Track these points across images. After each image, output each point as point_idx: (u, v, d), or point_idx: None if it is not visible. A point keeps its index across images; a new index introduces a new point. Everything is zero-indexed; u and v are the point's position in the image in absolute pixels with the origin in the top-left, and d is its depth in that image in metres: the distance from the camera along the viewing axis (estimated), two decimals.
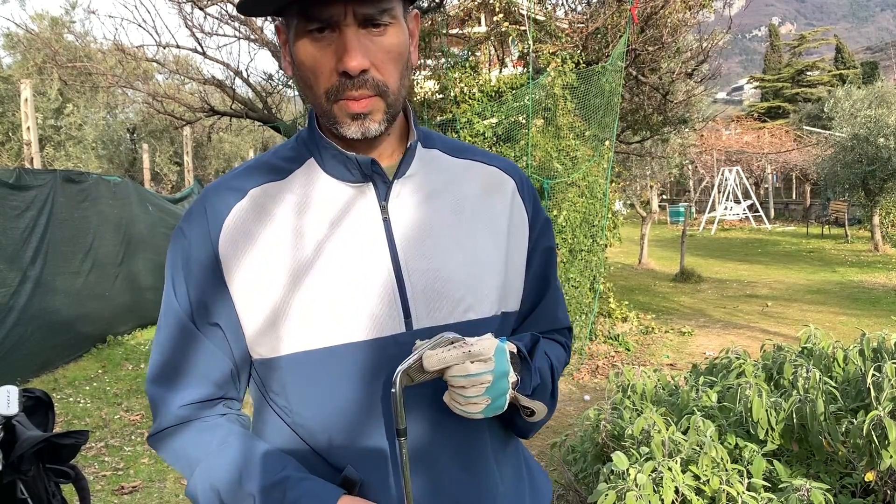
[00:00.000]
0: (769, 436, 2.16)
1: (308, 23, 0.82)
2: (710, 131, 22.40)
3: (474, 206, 0.96)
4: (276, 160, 0.94)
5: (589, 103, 6.20)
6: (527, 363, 0.91)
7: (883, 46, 62.67)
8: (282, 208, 0.90)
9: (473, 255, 0.92)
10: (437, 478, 0.88)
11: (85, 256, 6.83)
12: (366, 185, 0.91)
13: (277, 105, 9.25)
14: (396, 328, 0.87)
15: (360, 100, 0.84)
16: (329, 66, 0.83)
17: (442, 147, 0.99)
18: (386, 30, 0.84)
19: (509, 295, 0.97)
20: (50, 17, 14.97)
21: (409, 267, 0.89)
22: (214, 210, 0.90)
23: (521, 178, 1.03)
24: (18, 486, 1.47)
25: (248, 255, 0.88)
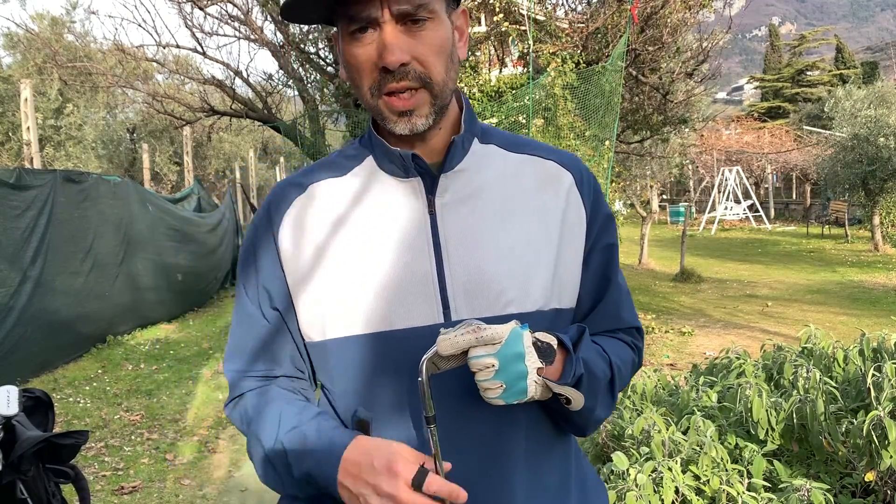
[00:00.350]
0: (769, 436, 2.16)
1: (350, 24, 0.86)
2: (710, 131, 22.41)
3: (524, 201, 0.96)
4: (339, 159, 1.01)
5: (589, 103, 6.20)
6: (568, 353, 0.89)
7: (883, 46, 62.68)
8: (337, 202, 0.95)
9: (518, 249, 0.93)
10: (455, 468, 0.87)
11: (85, 256, 6.83)
12: (415, 179, 0.94)
13: (277, 105, 9.25)
14: (435, 319, 0.89)
15: (403, 93, 0.87)
16: (371, 62, 0.86)
17: (500, 142, 1.01)
18: (425, 24, 0.86)
19: (562, 291, 0.96)
20: (50, 17, 14.97)
21: (450, 260, 0.91)
22: (277, 205, 0.97)
23: (581, 172, 1.01)
24: (18, 486, 1.46)
25: (303, 245, 0.94)
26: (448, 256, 0.91)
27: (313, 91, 8.07)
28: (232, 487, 3.73)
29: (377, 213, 0.94)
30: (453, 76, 0.91)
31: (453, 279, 0.91)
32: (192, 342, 7.48)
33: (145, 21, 33.45)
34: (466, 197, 0.94)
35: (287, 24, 7.86)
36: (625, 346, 1.02)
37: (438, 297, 0.90)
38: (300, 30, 8.20)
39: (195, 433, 4.60)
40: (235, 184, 14.93)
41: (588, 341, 0.94)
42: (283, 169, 18.57)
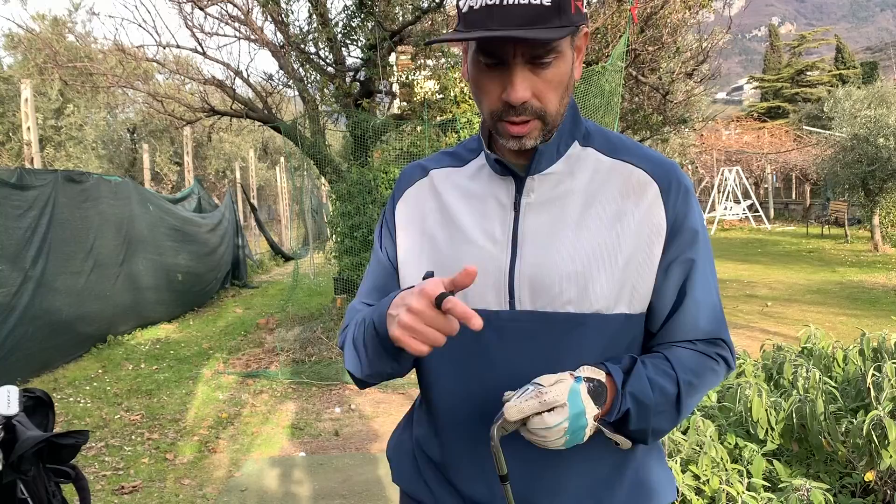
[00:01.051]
0: (769, 435, 2.16)
1: (483, 56, 0.94)
2: (709, 131, 22.41)
3: (603, 207, 1.01)
4: (461, 150, 1.14)
5: (589, 103, 6.20)
6: (616, 387, 0.96)
7: (883, 46, 62.63)
8: (449, 189, 1.09)
9: (584, 254, 0.99)
10: None
11: (86, 256, 6.83)
12: (508, 178, 1.04)
13: (277, 105, 9.25)
14: (502, 306, 1.00)
15: (520, 124, 0.96)
16: (496, 93, 0.95)
17: (600, 146, 1.06)
18: (550, 63, 0.93)
19: (633, 297, 1.00)
20: (51, 18, 14.97)
21: (523, 255, 1.01)
22: (403, 182, 1.15)
23: (670, 183, 1.03)
24: (19, 486, 1.47)
25: (412, 219, 1.11)
26: (521, 252, 1.01)
27: (313, 91, 8.07)
28: (232, 487, 3.73)
29: (476, 204, 1.06)
30: (566, 101, 0.99)
31: (521, 274, 1.00)
32: (192, 342, 7.48)
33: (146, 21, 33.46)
34: (552, 199, 1.03)
35: (287, 24, 7.87)
36: (700, 356, 1.03)
37: (507, 288, 1.00)
38: (300, 30, 8.20)
39: (195, 433, 4.60)
40: (236, 184, 14.93)
41: (640, 372, 0.97)
42: (283, 169, 18.56)
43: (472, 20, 0.91)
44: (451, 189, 1.09)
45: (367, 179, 6.38)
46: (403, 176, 1.16)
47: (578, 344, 0.99)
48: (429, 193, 1.11)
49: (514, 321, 0.99)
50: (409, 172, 1.16)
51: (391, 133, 7.39)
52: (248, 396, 5.40)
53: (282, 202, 18.31)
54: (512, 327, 1.00)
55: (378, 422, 4.72)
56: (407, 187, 1.14)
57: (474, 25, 0.90)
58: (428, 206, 1.10)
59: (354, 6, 7.50)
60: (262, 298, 10.50)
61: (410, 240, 1.10)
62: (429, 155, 1.22)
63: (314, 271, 11.84)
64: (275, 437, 4.50)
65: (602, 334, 0.99)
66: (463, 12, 0.93)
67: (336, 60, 7.84)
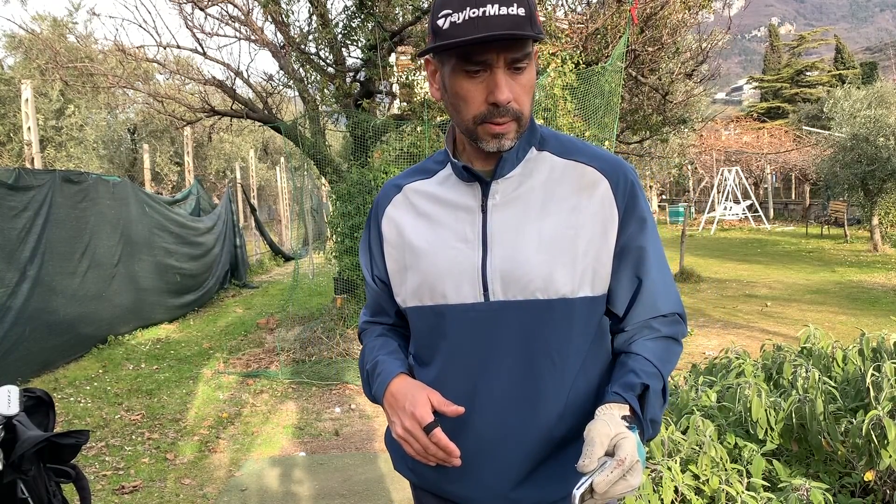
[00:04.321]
0: (768, 435, 2.17)
1: (467, 64, 1.03)
2: (709, 131, 22.41)
3: (560, 203, 1.13)
4: (429, 164, 1.26)
5: (589, 104, 6.20)
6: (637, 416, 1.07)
7: (882, 47, 62.62)
8: (421, 200, 1.21)
9: (547, 245, 1.11)
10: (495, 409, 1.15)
11: (86, 257, 6.83)
12: (475, 183, 1.15)
13: (277, 105, 9.25)
14: (477, 298, 1.12)
15: (502, 124, 1.06)
16: (480, 97, 1.05)
17: (554, 149, 1.18)
18: (523, 69, 1.05)
19: (595, 282, 1.13)
20: (51, 19, 14.97)
21: (493, 252, 1.12)
22: (382, 203, 1.26)
23: (617, 177, 1.15)
24: (19, 486, 1.47)
25: (395, 234, 1.22)
26: (491, 248, 1.12)
27: (313, 91, 8.06)
28: (232, 487, 3.73)
29: (447, 210, 1.17)
30: (532, 106, 1.12)
31: (493, 268, 1.11)
32: (192, 342, 7.48)
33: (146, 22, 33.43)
34: (513, 199, 1.14)
35: (287, 24, 7.86)
36: (667, 343, 1.17)
37: (480, 282, 1.12)
38: (301, 30, 8.20)
39: (196, 433, 4.61)
40: (235, 184, 14.93)
41: (651, 395, 1.08)
42: (283, 169, 18.56)
43: (455, 34, 1.00)
44: (424, 199, 1.20)
45: (368, 179, 6.38)
46: (382, 197, 1.27)
47: (547, 327, 1.11)
48: (405, 207, 1.22)
49: (489, 311, 1.11)
50: (385, 193, 1.27)
51: (391, 133, 7.39)
52: (248, 396, 5.40)
53: (282, 202, 18.31)
54: (487, 317, 1.12)
55: (378, 422, 4.72)
56: (386, 206, 1.25)
57: (459, 38, 1.00)
58: (406, 219, 1.21)
59: (354, 6, 7.50)
60: (263, 298, 10.50)
61: (397, 251, 1.22)
62: (418, 162, 1.34)
63: (314, 271, 11.84)
64: (275, 436, 4.51)
65: (567, 317, 1.12)
66: (444, 29, 1.02)
67: (336, 61, 7.84)
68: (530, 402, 1.13)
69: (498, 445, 1.14)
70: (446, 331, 1.16)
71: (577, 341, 1.14)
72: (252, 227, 15.67)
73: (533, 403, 1.13)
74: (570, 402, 1.15)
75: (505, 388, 1.13)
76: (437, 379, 1.18)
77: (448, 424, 1.11)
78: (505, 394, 1.13)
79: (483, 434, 1.14)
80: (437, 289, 1.15)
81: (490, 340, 1.12)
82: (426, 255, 1.16)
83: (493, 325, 1.12)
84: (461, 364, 1.15)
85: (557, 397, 1.14)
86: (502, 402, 1.13)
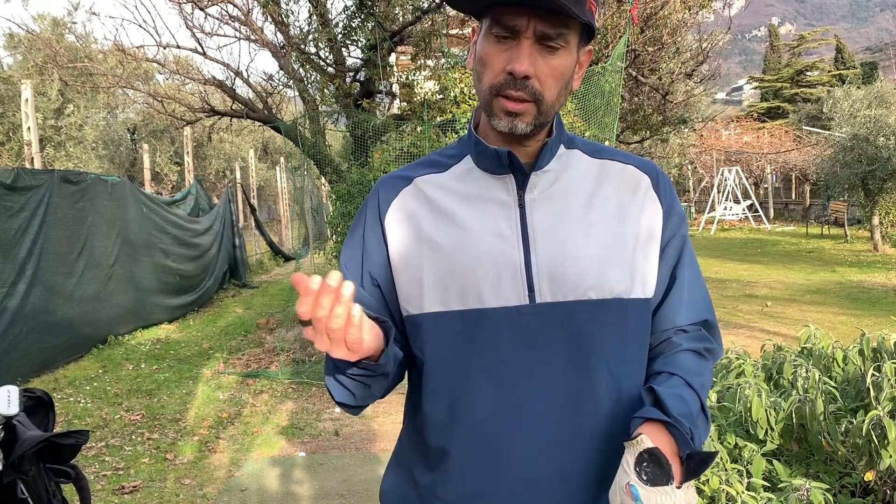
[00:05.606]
0: (769, 435, 2.17)
1: (496, 27, 0.97)
2: (709, 131, 22.42)
3: (605, 200, 1.06)
4: (439, 157, 1.13)
5: (589, 104, 6.20)
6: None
7: (882, 47, 62.61)
8: (438, 193, 1.07)
9: (598, 243, 1.03)
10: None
11: (84, 257, 6.83)
12: (508, 176, 1.04)
13: (277, 105, 9.24)
14: (521, 300, 1.00)
15: (517, 101, 0.98)
16: (501, 65, 0.97)
17: (583, 148, 1.12)
18: (556, 52, 0.97)
19: (645, 282, 1.06)
20: (51, 18, 14.98)
21: (537, 249, 1.01)
22: (386, 193, 1.10)
23: (657, 175, 1.12)
24: (19, 486, 1.47)
25: (407, 228, 1.06)
26: (535, 246, 1.02)
27: (313, 91, 8.06)
28: (232, 487, 3.73)
29: (473, 205, 1.05)
30: (562, 101, 1.03)
31: (539, 266, 1.01)
32: (192, 342, 7.48)
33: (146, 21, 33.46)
34: (553, 194, 1.05)
35: (287, 24, 7.87)
36: (700, 360, 1.07)
37: (525, 282, 1.00)
38: (300, 30, 8.20)
39: (195, 433, 4.61)
40: (235, 184, 14.93)
41: (699, 430, 0.99)
42: (283, 169, 18.56)
43: None
44: (442, 193, 1.07)
45: (367, 180, 6.38)
46: (385, 189, 1.11)
47: (602, 330, 1.01)
48: (417, 200, 1.08)
49: (536, 314, 1.00)
50: (390, 184, 1.11)
51: (391, 133, 7.39)
52: (248, 396, 5.40)
53: (282, 202, 18.31)
54: (534, 321, 1.00)
55: (378, 422, 4.72)
56: (393, 198, 1.09)
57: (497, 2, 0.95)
58: (420, 213, 1.07)
59: (354, 6, 7.50)
60: (263, 298, 10.50)
61: (409, 249, 1.06)
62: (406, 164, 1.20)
63: (314, 271, 11.85)
64: (275, 436, 4.50)
65: (622, 319, 1.03)
66: None
67: (336, 61, 7.84)
68: (587, 415, 1.02)
69: (548, 469, 1.01)
70: (483, 339, 1.00)
71: (631, 348, 1.05)
72: (252, 227, 15.68)
73: (590, 416, 1.02)
74: (625, 413, 1.04)
75: (557, 402, 1.00)
76: (468, 401, 1.01)
77: (482, 449, 1.00)
78: (557, 408, 1.00)
79: (523, 461, 1.00)
80: (470, 290, 1.00)
81: (539, 348, 0.99)
82: (454, 252, 1.02)
83: (542, 329, 1.00)
84: (503, 379, 1.00)
85: (614, 409, 1.03)
86: (554, 417, 1.00)
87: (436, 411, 1.05)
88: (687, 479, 0.93)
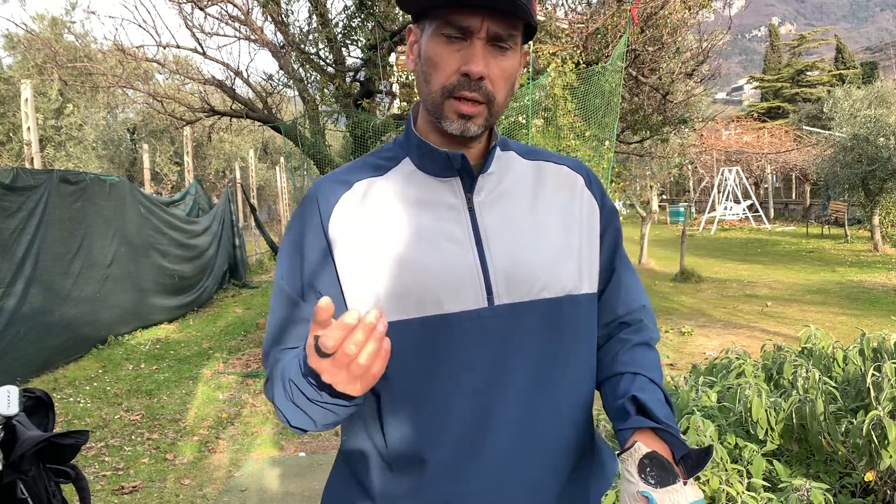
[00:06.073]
0: (769, 436, 2.17)
1: (448, 27, 0.95)
2: (709, 131, 22.40)
3: (547, 200, 1.09)
4: (376, 160, 1.09)
5: (589, 103, 6.20)
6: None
7: (882, 46, 62.61)
8: (382, 198, 1.03)
9: (547, 241, 1.05)
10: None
11: (83, 257, 6.83)
12: (454, 179, 1.04)
13: (277, 105, 9.24)
14: (480, 303, 1.00)
15: (471, 102, 0.97)
16: (454, 66, 0.96)
17: (516, 150, 1.13)
18: (506, 53, 0.98)
19: (591, 276, 1.09)
20: (50, 18, 14.97)
21: (491, 251, 1.01)
22: (326, 199, 1.03)
23: (587, 173, 1.16)
24: (19, 486, 1.47)
25: (353, 236, 1.01)
26: (489, 248, 1.01)
27: (313, 91, 8.06)
28: (232, 487, 3.73)
29: (422, 210, 1.02)
30: (508, 102, 1.03)
31: (495, 268, 1.01)
32: (192, 342, 7.48)
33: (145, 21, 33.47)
34: (499, 196, 1.05)
35: (287, 24, 7.86)
36: (651, 353, 1.13)
37: (483, 284, 1.00)
38: (300, 30, 8.20)
39: (195, 433, 4.60)
40: (235, 184, 14.93)
41: (670, 416, 1.02)
42: (283, 169, 18.56)
43: None
44: (387, 198, 1.03)
45: None
46: (323, 194, 1.03)
47: (558, 326, 1.03)
48: (361, 206, 1.02)
49: (497, 316, 1.00)
50: (328, 189, 1.04)
51: (391, 133, 7.38)
52: (248, 396, 5.39)
53: (282, 202, 18.31)
54: (496, 323, 0.99)
55: None
56: (334, 204, 1.02)
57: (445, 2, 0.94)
58: (367, 220, 1.02)
59: (354, 6, 7.50)
60: (263, 298, 10.49)
61: (358, 258, 1.00)
62: None
63: None
64: (275, 436, 4.50)
65: (576, 315, 1.05)
66: None
67: (336, 60, 7.84)
68: (549, 413, 1.03)
69: (516, 471, 1.01)
70: (447, 344, 0.98)
71: (584, 342, 1.07)
72: (252, 226, 15.68)
73: (551, 414, 1.03)
74: (581, 406, 1.07)
75: (522, 404, 1.00)
76: (438, 410, 0.99)
77: (453, 458, 0.98)
78: (522, 411, 1.01)
79: (494, 464, 0.99)
80: (429, 297, 0.98)
81: (501, 351, 0.99)
82: (409, 259, 0.99)
83: (503, 331, 0.99)
84: (468, 385, 0.99)
85: (571, 403, 1.06)
86: (520, 420, 1.01)
87: (399, 420, 1.01)
88: (690, 476, 0.94)
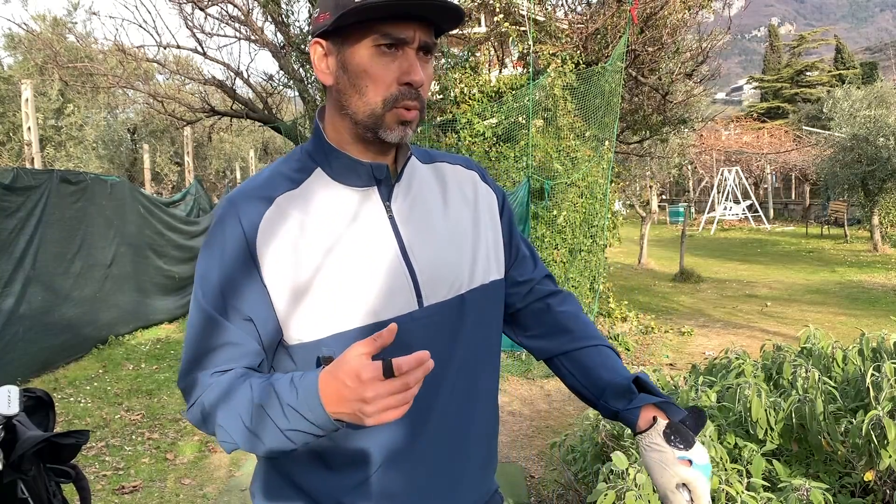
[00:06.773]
0: (768, 435, 2.17)
1: (382, 39, 0.97)
2: (709, 131, 22.41)
3: (453, 200, 1.14)
4: (288, 171, 1.06)
5: (589, 104, 6.20)
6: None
7: (882, 47, 62.64)
8: (302, 212, 1.02)
9: (460, 239, 1.11)
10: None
11: (83, 257, 6.82)
12: (371, 188, 1.05)
13: (277, 105, 9.25)
14: (412, 307, 1.03)
15: (412, 109, 1.00)
16: (392, 77, 0.98)
17: (415, 154, 1.16)
18: (429, 60, 1.03)
19: (498, 264, 1.17)
20: (51, 18, 14.98)
21: (415, 255, 1.05)
22: (248, 217, 1.00)
23: (478, 168, 1.24)
24: (19, 486, 1.47)
25: (280, 254, 0.99)
26: (412, 252, 1.05)
27: (314, 92, 8.07)
28: (232, 487, 3.73)
29: (345, 222, 1.03)
30: None
31: (421, 272, 1.05)
32: None
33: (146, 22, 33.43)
34: (413, 202, 1.09)
35: (287, 24, 7.86)
36: (588, 320, 1.28)
37: (413, 289, 1.04)
38: (300, 30, 8.20)
39: (196, 433, 4.61)
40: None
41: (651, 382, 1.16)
42: None
43: (375, 4, 0.92)
44: (309, 211, 1.02)
45: None
46: (245, 213, 1.00)
47: (478, 316, 1.11)
48: (285, 221, 1.00)
49: (428, 316, 1.04)
50: (248, 205, 1.01)
51: None
52: None
53: None
54: (426, 323, 1.04)
55: None
56: (258, 222, 0.99)
57: (376, 7, 0.93)
58: (293, 235, 1.00)
59: None
60: None
61: (289, 274, 0.99)
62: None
63: None
64: None
65: (489, 301, 1.14)
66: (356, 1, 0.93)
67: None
68: (475, 402, 1.11)
69: (452, 458, 1.08)
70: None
71: (494, 329, 1.17)
72: None
73: (476, 402, 1.12)
74: (496, 393, 1.18)
75: (454, 395, 1.06)
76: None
77: (394, 455, 1.02)
78: (453, 402, 1.07)
79: (432, 455, 1.06)
80: (364, 307, 0.99)
81: (437, 347, 0.99)
82: (341, 272, 0.99)
83: (436, 330, 1.04)
84: None
85: (489, 392, 1.16)
86: (452, 411, 1.07)
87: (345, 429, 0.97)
88: (696, 433, 1.08)
